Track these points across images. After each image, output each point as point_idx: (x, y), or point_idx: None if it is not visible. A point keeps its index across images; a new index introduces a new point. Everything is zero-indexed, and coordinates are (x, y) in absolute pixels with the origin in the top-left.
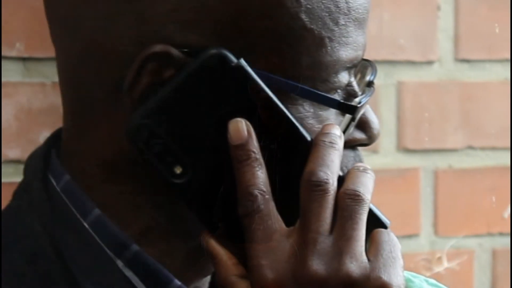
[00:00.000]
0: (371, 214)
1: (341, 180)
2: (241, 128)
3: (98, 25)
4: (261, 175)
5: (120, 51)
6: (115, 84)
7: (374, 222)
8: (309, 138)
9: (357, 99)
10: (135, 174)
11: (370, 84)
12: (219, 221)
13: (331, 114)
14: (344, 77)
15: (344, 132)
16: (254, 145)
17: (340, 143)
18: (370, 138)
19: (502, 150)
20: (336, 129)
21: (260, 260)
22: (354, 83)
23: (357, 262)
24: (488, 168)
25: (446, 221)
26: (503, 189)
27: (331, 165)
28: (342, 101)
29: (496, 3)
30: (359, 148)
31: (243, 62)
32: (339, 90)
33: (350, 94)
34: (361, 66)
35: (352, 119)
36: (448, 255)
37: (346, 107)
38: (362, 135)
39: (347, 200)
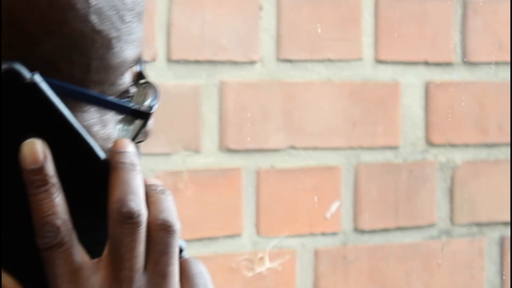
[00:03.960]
0: None
1: None
2: (37, 150)
3: None
4: (60, 203)
5: None
6: None
7: None
8: (103, 157)
9: (146, 103)
10: None
11: (140, 76)
12: (10, 254)
13: (112, 116)
14: (127, 78)
15: (134, 138)
16: (51, 168)
17: (139, 162)
18: (145, 135)
19: (324, 150)
20: (131, 146)
21: None
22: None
23: None
24: (310, 168)
25: (268, 221)
26: (325, 189)
27: (139, 192)
28: (136, 108)
29: (318, 3)
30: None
31: (36, 77)
32: (124, 92)
33: (127, 92)
34: None
35: (143, 125)
36: (270, 255)
37: (139, 114)
38: None
39: (159, 232)
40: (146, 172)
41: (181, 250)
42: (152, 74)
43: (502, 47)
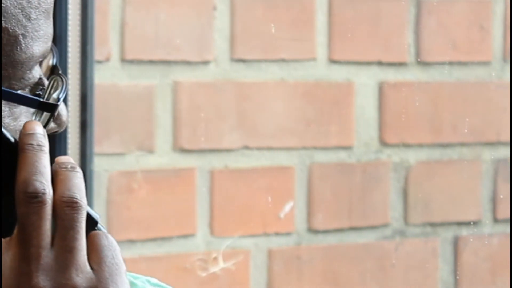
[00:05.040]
0: None
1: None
2: None
3: None
4: None
5: None
6: None
7: (87, 220)
8: (12, 140)
9: (55, 95)
10: None
11: (54, 69)
12: None
13: (24, 109)
14: (37, 72)
15: (44, 127)
16: None
17: (47, 143)
18: (59, 126)
19: (278, 150)
20: (39, 127)
21: None
22: (42, 74)
23: (82, 273)
24: (264, 168)
25: (222, 221)
26: (279, 189)
27: (45, 172)
28: (42, 100)
29: (272, 3)
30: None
31: None
32: (32, 85)
33: (40, 85)
34: None
35: (52, 116)
36: (224, 255)
37: (47, 106)
38: (52, 124)
39: (65, 208)
40: (100, 172)
41: (96, 223)
42: (106, 74)
43: (456, 47)
